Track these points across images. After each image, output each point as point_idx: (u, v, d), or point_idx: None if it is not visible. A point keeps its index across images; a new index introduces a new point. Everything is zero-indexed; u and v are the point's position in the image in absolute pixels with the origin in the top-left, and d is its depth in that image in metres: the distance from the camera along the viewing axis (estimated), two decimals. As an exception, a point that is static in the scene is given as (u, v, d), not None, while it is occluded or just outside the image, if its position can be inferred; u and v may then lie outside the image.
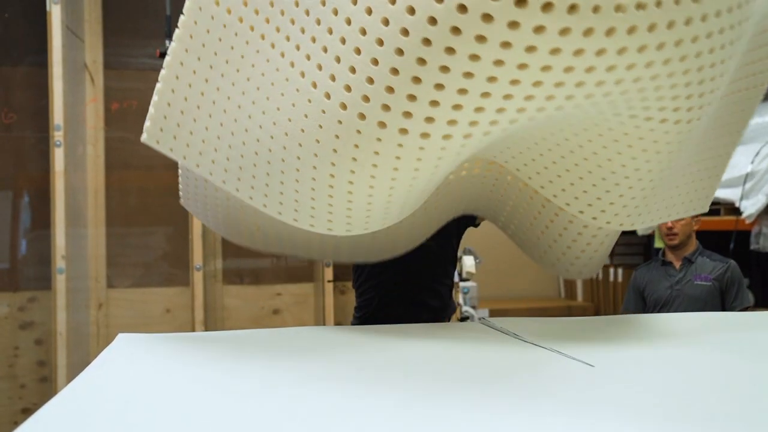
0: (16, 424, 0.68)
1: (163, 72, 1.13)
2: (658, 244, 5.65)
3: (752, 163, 4.53)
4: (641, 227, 1.35)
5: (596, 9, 0.75)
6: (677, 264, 3.10)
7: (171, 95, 1.14)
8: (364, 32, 0.82)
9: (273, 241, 1.49)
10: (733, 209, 4.62)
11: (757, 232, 4.49)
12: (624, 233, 5.60)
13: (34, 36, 2.74)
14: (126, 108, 2.98)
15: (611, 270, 6.37)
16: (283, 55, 0.97)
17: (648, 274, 3.17)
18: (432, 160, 0.97)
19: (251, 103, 1.05)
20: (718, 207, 4.93)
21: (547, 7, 0.75)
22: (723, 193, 4.68)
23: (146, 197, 3.01)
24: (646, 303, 3.12)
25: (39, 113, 2.80)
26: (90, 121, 2.93)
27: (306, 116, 0.96)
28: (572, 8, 0.75)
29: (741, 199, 4.52)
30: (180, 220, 2.95)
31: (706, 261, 3.05)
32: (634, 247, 6.53)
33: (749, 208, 4.43)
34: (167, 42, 2.26)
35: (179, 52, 1.11)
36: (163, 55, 2.27)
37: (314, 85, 0.93)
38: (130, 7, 3.01)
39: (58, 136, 2.63)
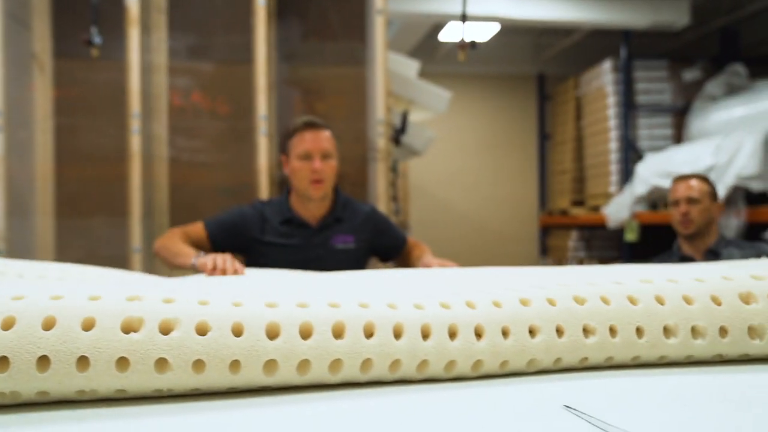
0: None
1: None
2: (630, 237, 5.69)
3: (713, 156, 4.57)
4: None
5: None
6: (700, 258, 2.69)
7: None
8: None
9: None
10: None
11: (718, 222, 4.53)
12: (598, 227, 5.61)
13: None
14: (76, 96, 3.04)
15: (586, 263, 6.42)
16: None
17: None
18: None
19: None
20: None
21: None
22: (686, 186, 4.72)
23: (95, 186, 3.08)
24: None
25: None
26: (38, 109, 3.00)
27: None
28: None
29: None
30: (128, 209, 3.01)
31: (734, 252, 2.63)
32: (608, 241, 6.57)
33: (708, 200, 4.48)
34: (93, 29, 2.32)
35: None
36: (89, 43, 2.34)
37: None
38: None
39: (-2, 121, 2.70)
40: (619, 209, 5.63)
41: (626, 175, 5.88)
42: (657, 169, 5.17)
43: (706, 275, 0.86)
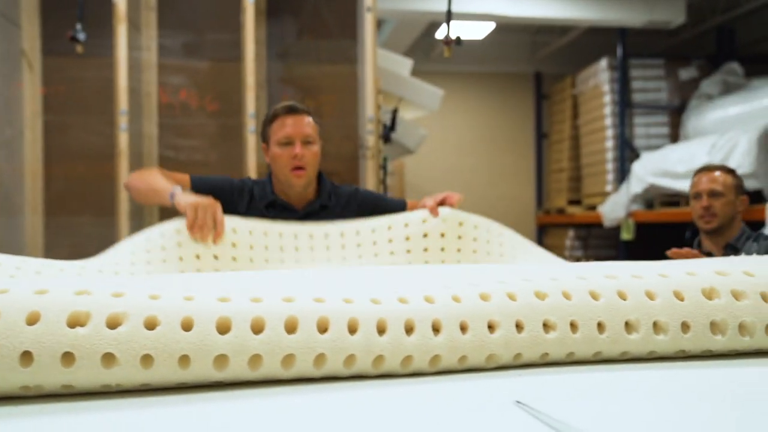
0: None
1: None
2: (626, 236, 5.67)
3: (708, 155, 4.56)
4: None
5: None
6: (719, 253, 2.48)
7: None
8: None
9: None
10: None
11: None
12: (595, 225, 5.58)
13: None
14: (65, 94, 3.04)
15: (584, 262, 6.40)
16: None
17: None
18: None
19: None
20: (677, 198, 4.96)
21: None
22: (682, 185, 4.71)
23: (84, 184, 3.07)
24: None
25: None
26: (27, 107, 2.99)
27: None
28: None
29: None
30: (116, 208, 3.00)
31: (752, 246, 2.43)
32: (605, 240, 6.55)
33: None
34: (78, 26, 2.32)
35: None
36: (73, 38, 2.33)
37: None
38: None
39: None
40: (615, 208, 5.62)
41: (622, 173, 5.86)
42: (653, 167, 5.16)
43: (670, 271, 0.85)
